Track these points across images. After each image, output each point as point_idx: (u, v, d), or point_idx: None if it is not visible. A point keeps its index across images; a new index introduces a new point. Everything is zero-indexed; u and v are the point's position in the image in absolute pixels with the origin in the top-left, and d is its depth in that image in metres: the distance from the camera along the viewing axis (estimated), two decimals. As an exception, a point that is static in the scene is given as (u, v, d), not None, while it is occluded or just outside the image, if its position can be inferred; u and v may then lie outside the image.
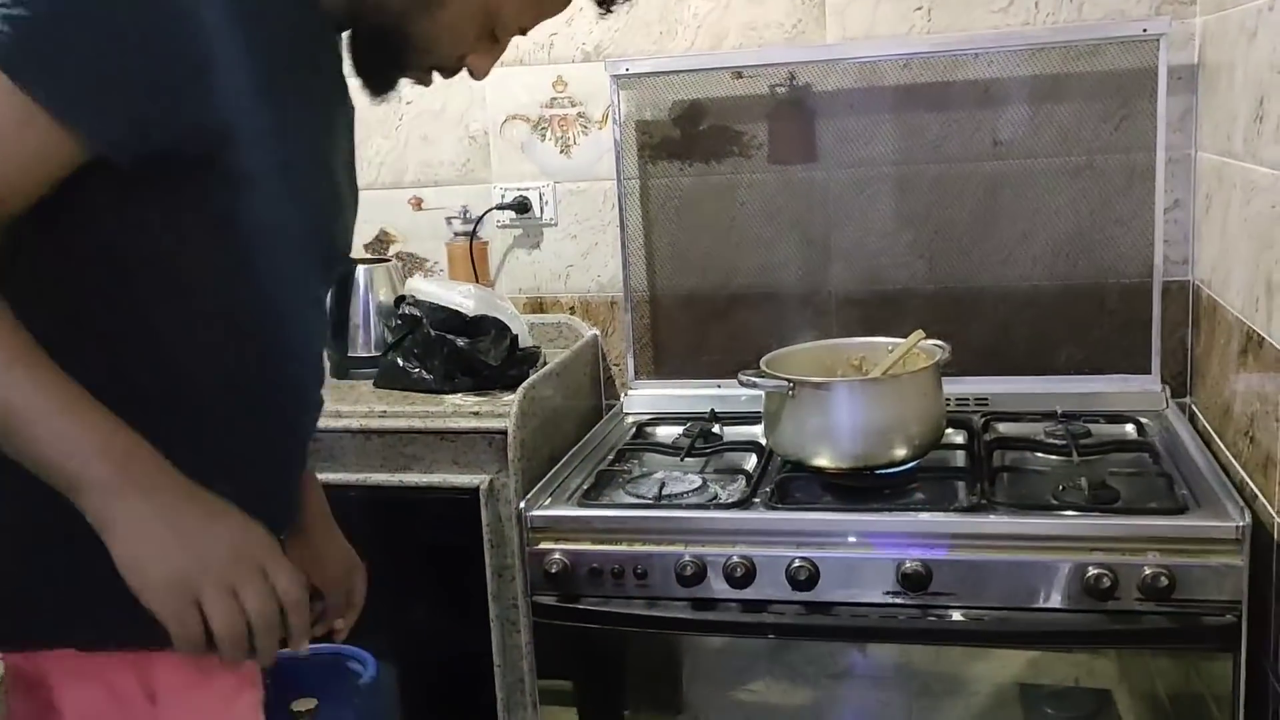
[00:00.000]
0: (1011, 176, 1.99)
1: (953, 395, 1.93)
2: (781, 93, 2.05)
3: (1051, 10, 1.94)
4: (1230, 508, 1.44)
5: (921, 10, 1.99)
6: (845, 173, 2.06)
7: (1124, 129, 1.93)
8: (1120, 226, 1.96)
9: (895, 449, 1.64)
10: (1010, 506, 1.52)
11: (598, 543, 1.59)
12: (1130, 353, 1.95)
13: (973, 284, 2.04)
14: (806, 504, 1.61)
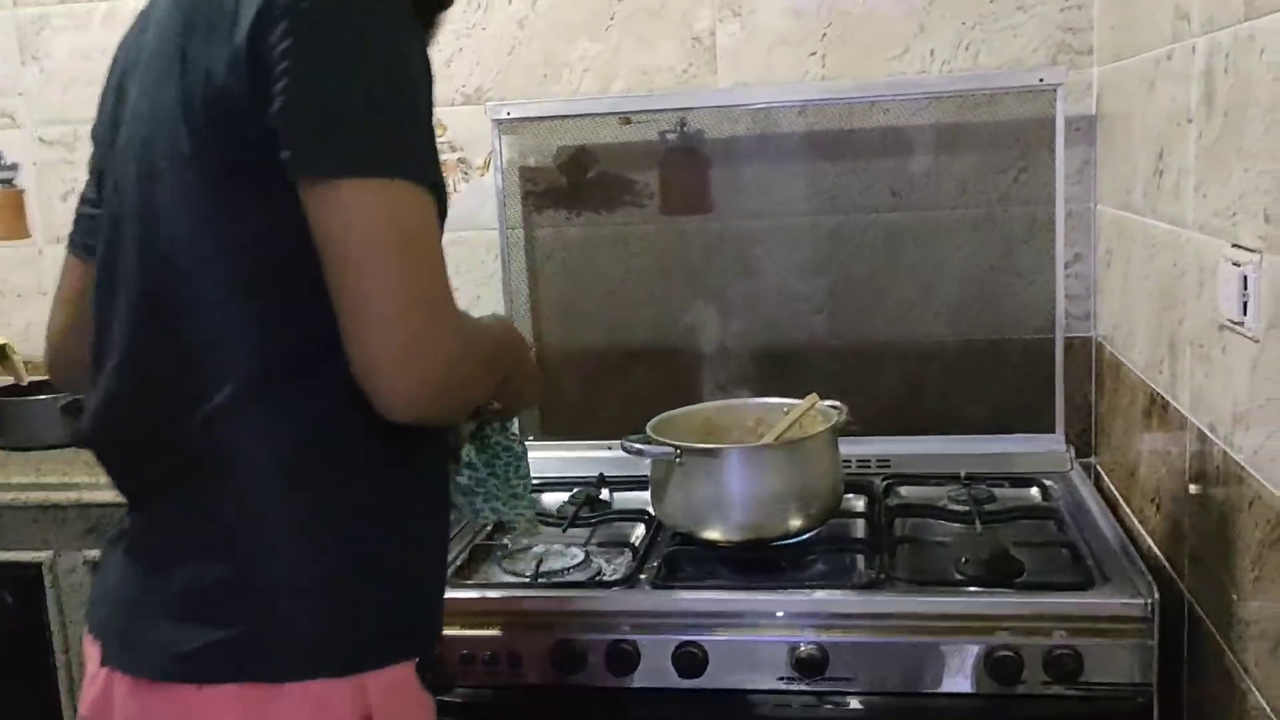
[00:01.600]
0: (911, 228, 1.92)
1: (854, 456, 1.85)
2: (673, 139, 1.96)
3: (948, 58, 1.89)
4: (1138, 582, 1.36)
5: (816, 56, 1.92)
6: (741, 224, 1.97)
7: (1023, 181, 1.88)
8: (1022, 281, 1.90)
9: (790, 519, 1.53)
10: (911, 583, 1.43)
11: (468, 627, 1.45)
12: (1034, 411, 1.89)
13: (874, 339, 1.96)
14: (695, 581, 1.49)
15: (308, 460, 0.99)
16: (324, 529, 0.99)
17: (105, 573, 1.08)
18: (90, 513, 1.78)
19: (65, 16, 2.20)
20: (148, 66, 1.02)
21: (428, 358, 0.92)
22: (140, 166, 1.00)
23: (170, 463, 1.00)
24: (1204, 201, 1.27)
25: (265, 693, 0.94)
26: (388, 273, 0.90)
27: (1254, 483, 1.13)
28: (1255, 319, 1.11)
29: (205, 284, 0.97)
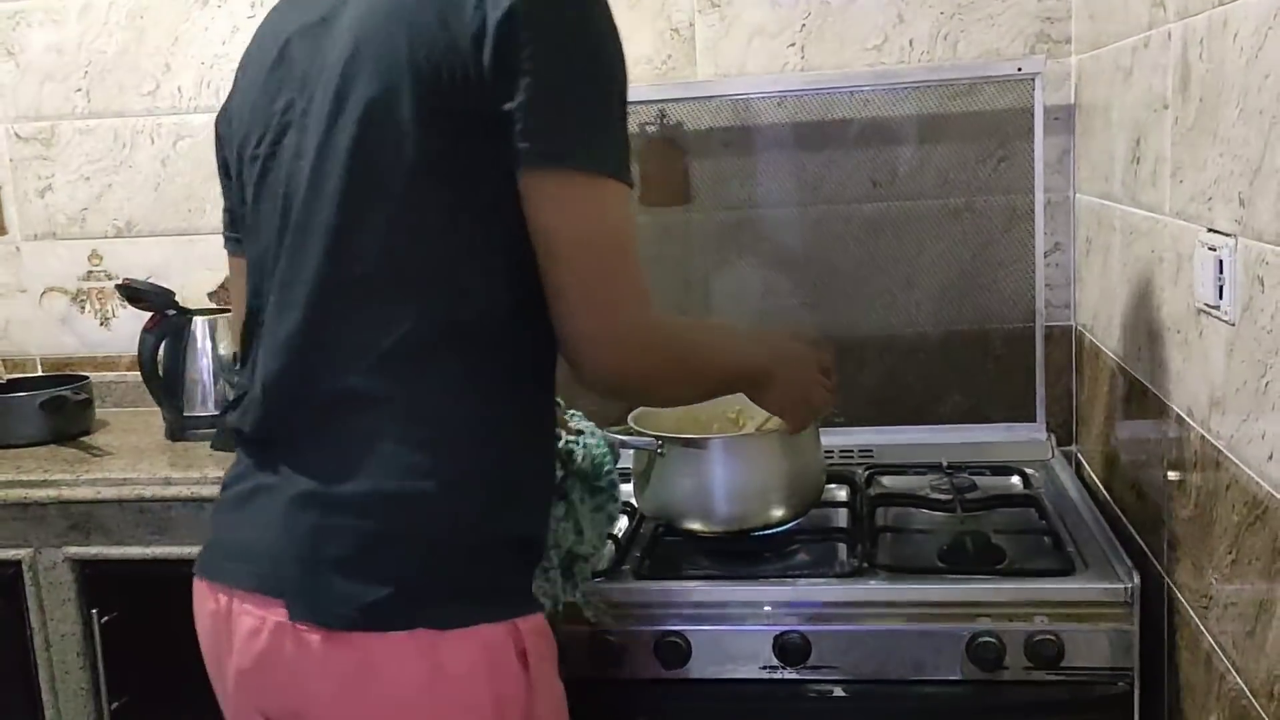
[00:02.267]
0: (891, 218, 1.93)
1: (836, 447, 1.85)
2: (652, 131, 1.95)
3: (926, 48, 1.89)
4: (1119, 568, 1.37)
5: (795, 47, 1.92)
6: (721, 215, 1.97)
7: (1002, 170, 1.88)
8: (1002, 270, 1.90)
9: (772, 509, 1.53)
10: (893, 570, 1.43)
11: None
12: (1015, 400, 1.90)
13: (855, 330, 1.96)
14: (677, 572, 1.49)
15: (481, 422, 1.07)
16: (492, 489, 1.08)
17: (254, 528, 1.09)
18: (70, 510, 1.77)
19: (41, 11, 2.19)
20: (373, 39, 1.04)
21: (628, 340, 1.05)
22: (337, 130, 1.04)
23: (346, 412, 1.05)
24: (1180, 187, 1.28)
25: (437, 636, 1.02)
26: (604, 263, 1.02)
27: (1231, 466, 1.13)
28: (1231, 302, 1.11)
29: (402, 247, 1.04)
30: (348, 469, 1.05)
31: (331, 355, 1.06)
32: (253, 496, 1.11)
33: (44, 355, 2.30)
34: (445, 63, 1.00)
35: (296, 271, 1.08)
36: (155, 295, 1.95)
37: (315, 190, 1.06)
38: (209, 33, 2.13)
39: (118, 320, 2.26)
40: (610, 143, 1.03)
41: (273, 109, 1.12)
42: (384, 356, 1.04)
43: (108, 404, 2.23)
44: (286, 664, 1.04)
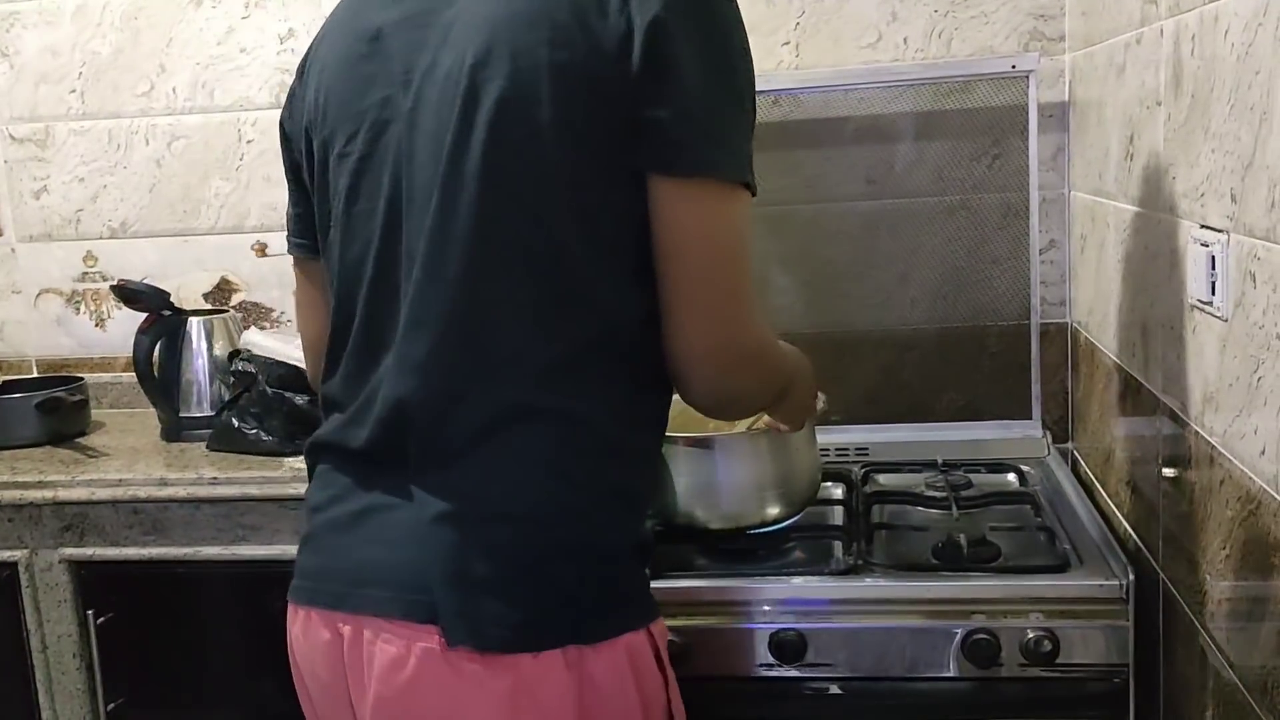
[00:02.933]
0: (887, 216, 1.93)
1: (832, 445, 1.86)
2: (647, 130, 1.95)
3: (921, 46, 1.89)
4: (1113, 564, 1.37)
5: (789, 45, 1.92)
6: (716, 214, 1.97)
7: (997, 167, 1.88)
8: (997, 267, 1.90)
9: (769, 507, 1.53)
10: (889, 568, 1.43)
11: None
12: (1011, 397, 1.90)
13: (851, 328, 1.97)
14: (674, 570, 1.49)
15: (618, 433, 1.06)
16: (623, 498, 1.08)
17: (379, 549, 1.05)
18: (65, 511, 1.77)
19: (35, 13, 2.19)
20: (507, 37, 1.00)
21: (739, 356, 1.05)
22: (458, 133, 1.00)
23: (493, 429, 1.02)
24: (1173, 183, 1.28)
25: (586, 650, 1.02)
26: (727, 275, 1.01)
27: (1224, 462, 1.13)
28: (1223, 298, 1.11)
29: (541, 252, 1.01)
30: (493, 486, 1.02)
31: (472, 369, 1.02)
32: (367, 517, 1.06)
33: (39, 357, 2.30)
34: (587, 66, 0.98)
35: (430, 283, 1.03)
36: (150, 296, 1.95)
37: (448, 197, 1.01)
38: (204, 34, 2.13)
39: (113, 321, 2.26)
40: (743, 151, 1.02)
41: (364, 105, 1.07)
42: (533, 372, 1.02)
43: (103, 405, 2.23)
44: (438, 690, 1.00)
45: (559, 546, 1.03)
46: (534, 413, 1.02)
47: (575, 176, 1.00)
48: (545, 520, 1.02)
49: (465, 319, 1.02)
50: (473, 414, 1.02)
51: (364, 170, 1.07)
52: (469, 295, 1.01)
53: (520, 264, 1.01)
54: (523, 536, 1.02)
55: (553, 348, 1.02)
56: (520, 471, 1.02)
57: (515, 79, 0.98)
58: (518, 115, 0.99)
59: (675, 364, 1.04)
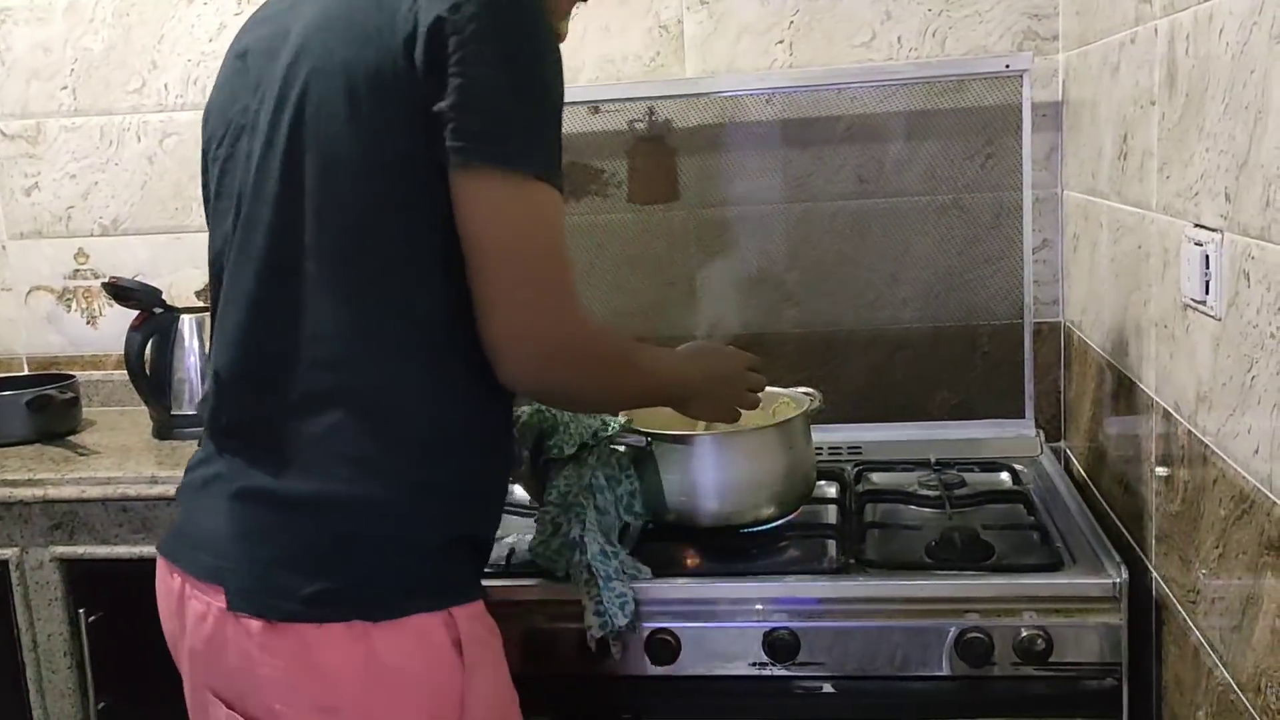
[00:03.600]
0: (879, 215, 1.93)
1: (825, 443, 1.85)
2: (641, 128, 1.95)
3: (914, 45, 1.89)
4: (1106, 563, 1.37)
5: (783, 44, 1.92)
6: (709, 212, 1.97)
7: (990, 167, 1.88)
8: (990, 266, 1.91)
9: (762, 506, 1.53)
10: (882, 567, 1.43)
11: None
12: (1004, 396, 1.90)
13: (843, 326, 1.97)
14: (667, 569, 1.49)
15: (431, 423, 1.10)
16: (438, 490, 1.11)
17: (206, 515, 1.14)
18: (55, 509, 1.76)
19: (26, 9, 2.17)
20: (314, 40, 1.09)
21: (550, 348, 1.08)
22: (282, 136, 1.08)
23: (294, 408, 1.08)
24: (1167, 183, 1.28)
25: (371, 627, 1.06)
26: (527, 267, 1.05)
27: (1218, 461, 1.13)
28: (1217, 297, 1.12)
29: (342, 244, 1.07)
30: (294, 465, 1.08)
31: (279, 352, 1.09)
32: (208, 484, 1.15)
33: (30, 354, 2.29)
34: (378, 65, 1.04)
35: (241, 268, 1.12)
36: (142, 293, 1.94)
37: (258, 190, 1.10)
38: (195, 30, 2.12)
39: (105, 319, 2.25)
40: (538, 145, 1.05)
41: (230, 114, 1.17)
42: (332, 355, 1.07)
43: (94, 403, 2.22)
44: (231, 649, 1.08)
45: (355, 535, 1.08)
46: (338, 400, 1.07)
47: (373, 170, 1.05)
48: (341, 508, 1.07)
49: (267, 304, 1.10)
50: (278, 396, 1.09)
51: (224, 173, 1.17)
52: (270, 281, 1.09)
53: (321, 255, 1.07)
54: (317, 521, 1.07)
55: (357, 337, 1.07)
56: (321, 457, 1.08)
57: (315, 79, 1.07)
58: (316, 112, 1.06)
59: (487, 352, 1.08)
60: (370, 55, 1.04)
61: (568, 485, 1.46)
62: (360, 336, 1.07)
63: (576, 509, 1.44)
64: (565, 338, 1.09)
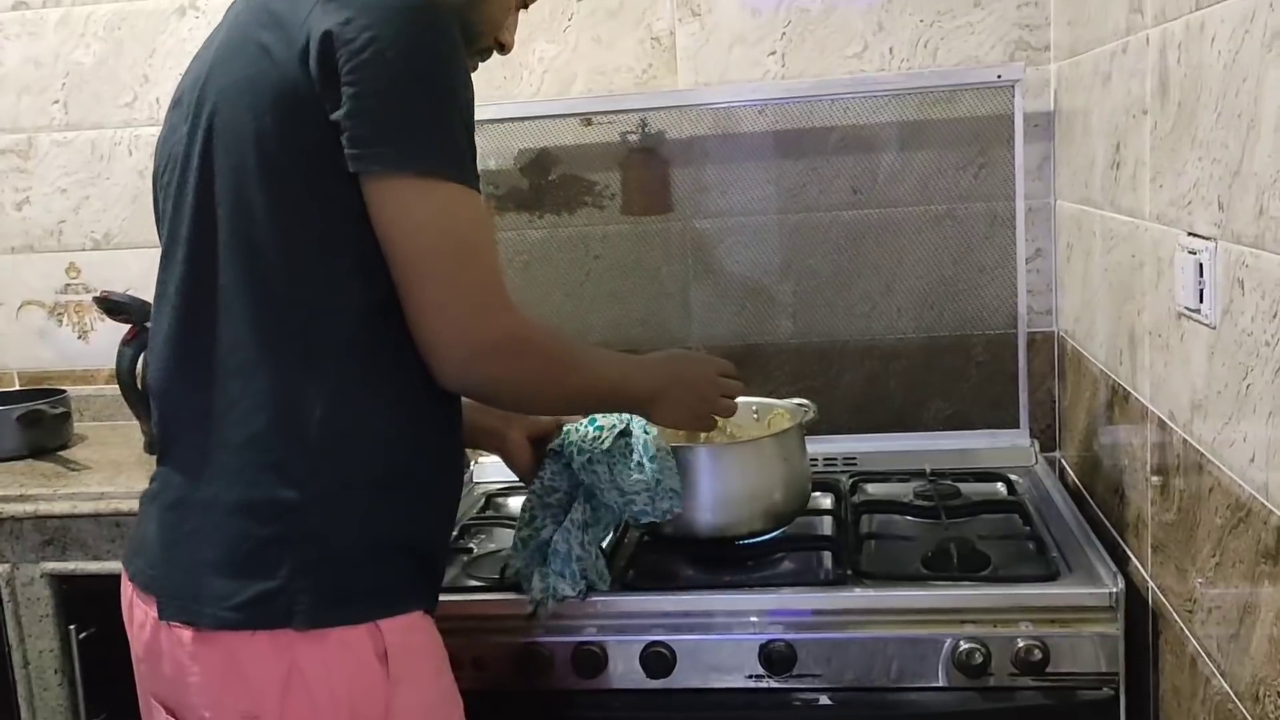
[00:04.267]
0: (872, 225, 1.93)
1: (820, 454, 1.85)
2: (634, 140, 1.95)
3: (906, 56, 1.89)
4: (1103, 572, 1.37)
5: (775, 55, 1.92)
6: (703, 224, 1.97)
7: (983, 177, 1.88)
8: (984, 276, 1.91)
9: (758, 518, 1.53)
10: (878, 578, 1.42)
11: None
12: (998, 406, 1.90)
13: (838, 337, 1.97)
14: (662, 582, 1.48)
15: (354, 427, 1.11)
16: (362, 495, 1.12)
17: (146, 525, 1.18)
18: (47, 525, 1.75)
19: (17, 24, 2.17)
20: (221, 60, 1.13)
21: (475, 341, 1.09)
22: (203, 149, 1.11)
23: (214, 416, 1.10)
24: (1160, 192, 1.28)
25: (295, 637, 1.08)
26: (447, 267, 1.07)
27: (1213, 469, 1.13)
28: (1211, 306, 1.11)
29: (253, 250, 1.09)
30: (220, 473, 1.10)
31: (201, 363, 1.11)
32: (152, 496, 1.19)
33: (21, 369, 2.28)
34: (278, 79, 1.06)
35: (166, 285, 1.15)
36: (134, 307, 1.93)
37: (178, 208, 1.14)
38: (187, 44, 2.12)
39: (96, 333, 2.24)
40: (442, 147, 1.07)
41: (170, 145, 1.20)
42: (246, 362, 1.09)
43: (86, 417, 2.21)
44: (165, 656, 1.12)
45: (278, 541, 1.09)
46: (255, 404, 1.09)
47: (277, 181, 1.07)
48: (264, 514, 1.09)
49: (188, 317, 1.12)
50: (202, 406, 1.11)
51: (166, 198, 1.19)
52: (191, 295, 1.12)
53: (234, 265, 1.09)
54: (239, 525, 1.09)
55: (267, 343, 1.09)
56: (244, 464, 1.09)
57: (222, 98, 1.10)
58: (224, 129, 1.09)
59: (421, 354, 1.10)
60: (269, 70, 1.07)
61: (552, 478, 1.44)
62: (270, 342, 1.09)
63: (553, 508, 1.43)
64: (493, 334, 1.09)
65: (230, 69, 1.11)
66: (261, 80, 1.07)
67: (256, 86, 1.07)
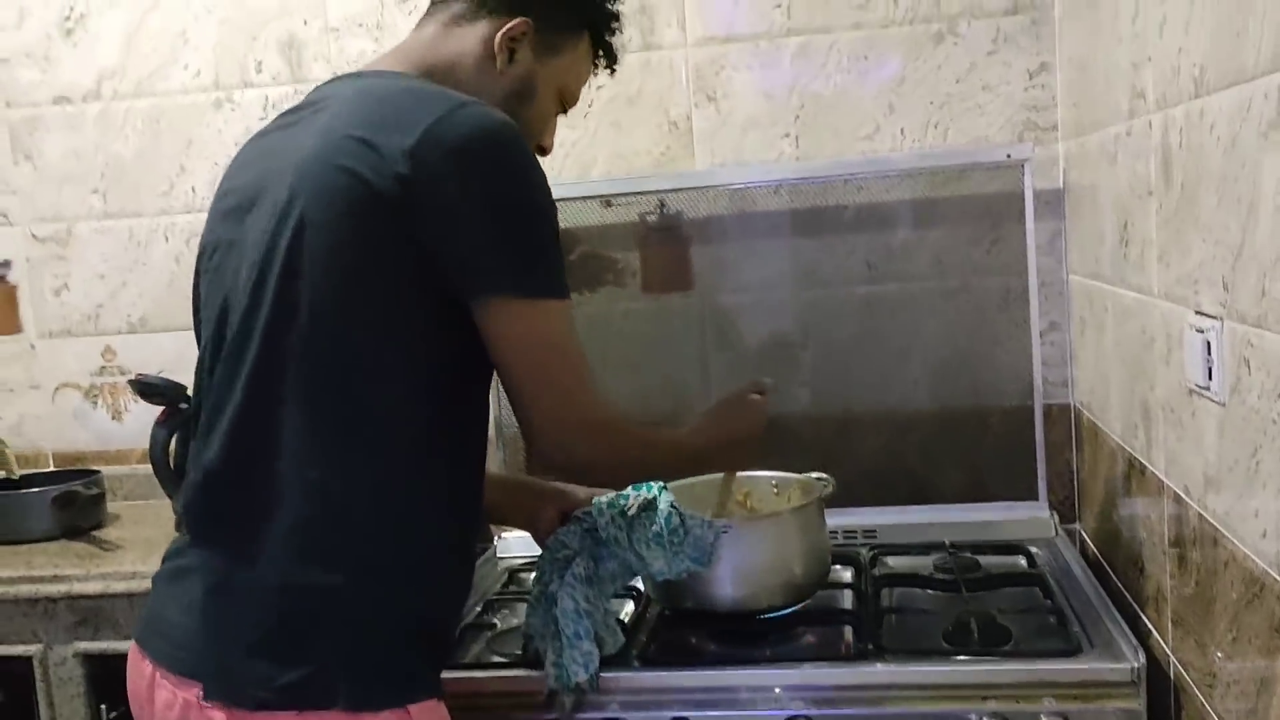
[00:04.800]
0: (888, 300, 1.96)
1: (840, 528, 1.86)
2: (653, 220, 2.00)
3: (917, 136, 1.94)
4: (1125, 647, 1.37)
5: (789, 138, 1.98)
6: (721, 300, 2.01)
7: (996, 252, 1.92)
8: (999, 349, 1.93)
9: (778, 592, 1.54)
10: (900, 653, 1.43)
11: (458, 707, 1.44)
12: (1017, 478, 1.91)
13: (855, 410, 1.99)
14: (684, 657, 1.50)
15: (395, 517, 1.17)
16: (396, 577, 1.18)
17: (177, 608, 1.20)
18: (80, 605, 1.78)
19: (59, 117, 2.26)
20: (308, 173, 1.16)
21: (574, 434, 1.22)
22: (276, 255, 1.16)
23: (262, 502, 1.15)
24: (1167, 270, 1.31)
25: (337, 717, 1.12)
26: (549, 372, 1.19)
27: (1228, 544, 1.15)
28: (1220, 383, 1.14)
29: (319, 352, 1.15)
30: (262, 557, 1.15)
31: (258, 449, 1.16)
32: (180, 576, 1.22)
33: (56, 450, 2.33)
34: (371, 196, 1.12)
35: (234, 370, 1.19)
36: (167, 388, 1.97)
37: (256, 300, 1.17)
38: (222, 134, 2.20)
39: (130, 414, 2.29)
40: (548, 268, 1.17)
41: (221, 231, 1.26)
42: (308, 453, 1.15)
43: (119, 497, 2.25)
44: None
45: (317, 621, 1.14)
46: (307, 492, 1.14)
47: (367, 290, 1.14)
48: (305, 595, 1.14)
49: (253, 403, 1.16)
50: (254, 492, 1.16)
51: (212, 283, 1.26)
52: (258, 381, 1.16)
53: (310, 361, 1.15)
54: (283, 608, 1.14)
55: (334, 435, 1.15)
56: (287, 546, 1.14)
57: (312, 205, 1.14)
58: (312, 236, 1.14)
59: (526, 445, 1.25)
60: (361, 188, 1.12)
61: (564, 536, 1.47)
62: (332, 436, 1.15)
63: (560, 562, 1.45)
64: (587, 425, 1.22)
65: (320, 182, 1.14)
66: (355, 196, 1.12)
67: (350, 201, 1.12)
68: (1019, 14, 1.91)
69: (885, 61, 1.94)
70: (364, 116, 1.16)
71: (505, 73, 1.31)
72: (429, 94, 1.19)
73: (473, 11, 1.31)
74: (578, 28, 1.37)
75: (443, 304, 1.15)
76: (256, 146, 1.31)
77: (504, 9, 1.30)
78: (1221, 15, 1.09)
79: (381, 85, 1.23)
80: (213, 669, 1.15)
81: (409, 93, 1.20)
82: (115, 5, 2.21)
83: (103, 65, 2.22)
